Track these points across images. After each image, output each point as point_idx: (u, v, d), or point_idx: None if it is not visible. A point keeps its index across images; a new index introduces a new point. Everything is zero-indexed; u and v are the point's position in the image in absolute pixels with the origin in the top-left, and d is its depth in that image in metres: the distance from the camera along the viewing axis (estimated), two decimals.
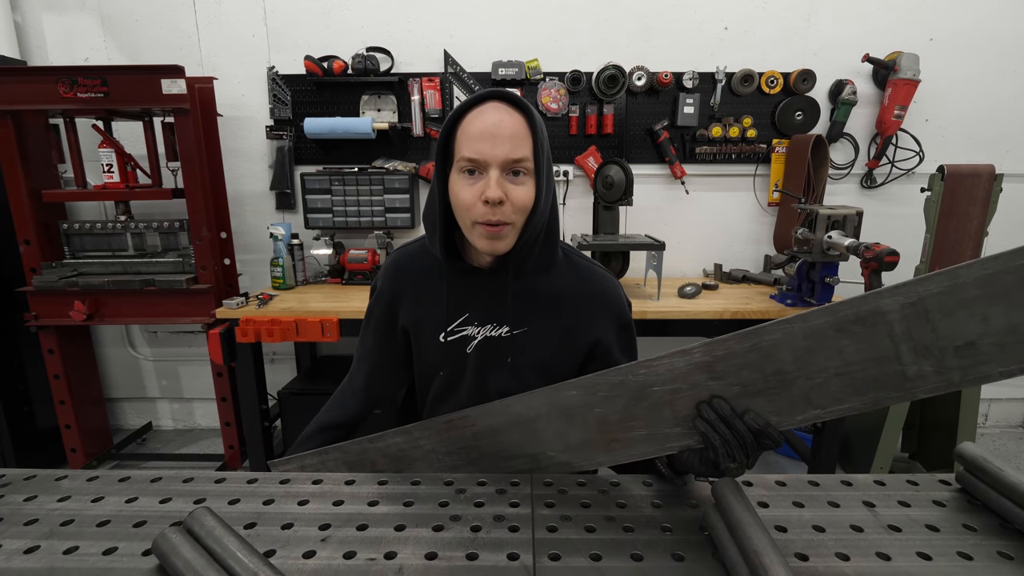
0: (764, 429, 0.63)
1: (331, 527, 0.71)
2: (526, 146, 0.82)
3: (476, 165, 0.81)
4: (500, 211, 0.81)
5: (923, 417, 2.51)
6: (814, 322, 0.63)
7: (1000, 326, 0.56)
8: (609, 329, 0.96)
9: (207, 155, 2.39)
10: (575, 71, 2.57)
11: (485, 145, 0.80)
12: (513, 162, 0.81)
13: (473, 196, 0.82)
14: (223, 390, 2.52)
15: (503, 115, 0.81)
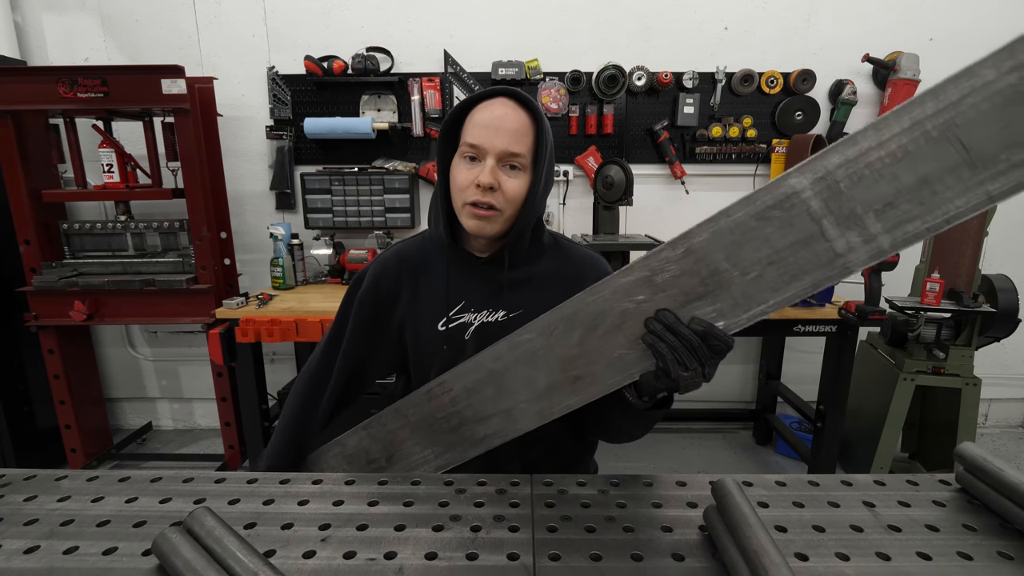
0: (709, 331, 0.65)
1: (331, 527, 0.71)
2: (525, 143, 0.87)
3: (476, 152, 0.86)
4: (490, 196, 0.86)
5: (923, 417, 2.51)
6: (736, 215, 0.64)
7: (911, 182, 0.56)
8: None
9: (207, 155, 2.39)
10: (575, 71, 2.57)
11: (487, 134, 0.85)
12: (510, 155, 0.86)
13: (468, 179, 0.87)
14: (223, 390, 2.52)
15: (509, 110, 0.86)
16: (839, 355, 2.16)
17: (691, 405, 3.04)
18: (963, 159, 0.55)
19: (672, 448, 2.84)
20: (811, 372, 2.50)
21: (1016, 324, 2.15)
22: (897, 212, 0.57)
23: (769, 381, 2.84)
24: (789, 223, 0.61)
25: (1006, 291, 2.14)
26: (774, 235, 0.62)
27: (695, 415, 3.03)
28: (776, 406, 2.90)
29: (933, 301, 2.11)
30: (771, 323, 2.15)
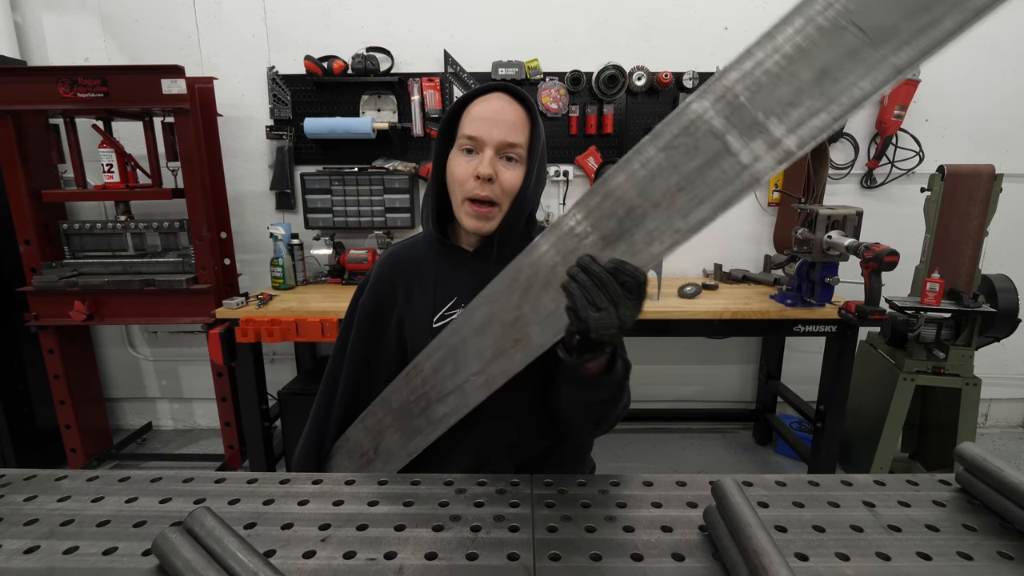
0: (619, 267, 0.65)
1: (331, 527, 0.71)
2: (522, 134, 0.90)
3: (474, 144, 0.88)
4: (489, 188, 0.88)
5: (923, 417, 2.51)
6: (646, 151, 0.66)
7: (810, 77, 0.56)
8: None
9: (207, 155, 2.39)
10: (575, 71, 2.57)
11: (485, 126, 0.88)
12: (508, 146, 0.88)
13: (467, 172, 0.89)
14: (223, 390, 2.52)
15: (506, 104, 0.89)
16: (839, 355, 2.16)
17: (691, 405, 3.04)
18: (862, 41, 0.54)
19: (672, 448, 2.84)
20: (811, 372, 2.50)
21: (1016, 324, 2.15)
22: (800, 110, 0.57)
23: (769, 381, 2.84)
24: (695, 147, 0.63)
25: (1006, 291, 2.14)
26: (682, 161, 0.63)
27: (695, 415, 3.03)
28: (776, 406, 2.90)
29: (933, 301, 2.11)
30: (771, 323, 2.15)
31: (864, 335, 2.58)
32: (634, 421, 3.02)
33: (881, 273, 1.89)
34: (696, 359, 2.98)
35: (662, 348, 2.98)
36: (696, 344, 2.94)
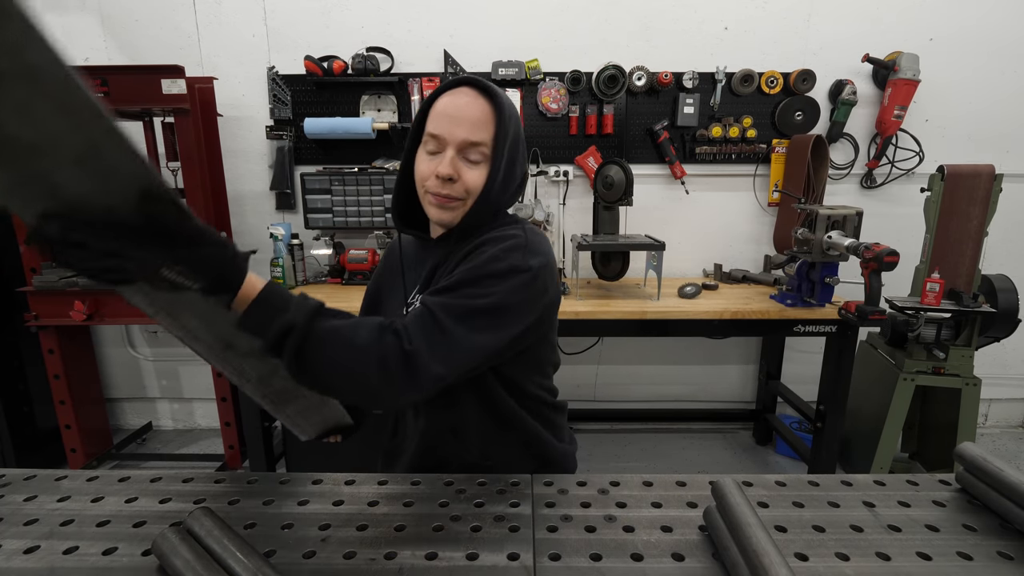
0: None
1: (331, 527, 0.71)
2: (486, 131, 0.86)
3: (437, 142, 0.87)
4: (450, 187, 0.87)
5: (923, 417, 2.51)
6: None
7: None
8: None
9: (207, 155, 2.39)
10: (575, 71, 2.57)
11: (446, 123, 0.86)
12: (470, 144, 0.86)
13: (429, 170, 0.88)
14: (223, 390, 2.52)
15: (471, 99, 0.86)
16: (839, 355, 2.16)
17: (691, 405, 3.04)
18: None
19: (672, 448, 2.84)
20: (811, 372, 2.50)
21: (1016, 324, 2.15)
22: None
23: (769, 381, 2.84)
24: None
25: (1006, 291, 2.14)
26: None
27: (695, 415, 3.03)
28: (776, 406, 2.90)
29: (933, 301, 2.11)
30: (771, 323, 2.15)
31: (864, 335, 2.58)
32: (634, 421, 3.02)
33: (881, 273, 1.89)
34: (696, 359, 2.99)
35: (662, 348, 2.98)
36: (696, 344, 2.94)
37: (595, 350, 2.92)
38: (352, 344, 0.72)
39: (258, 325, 0.67)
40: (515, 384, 0.96)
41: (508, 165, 0.90)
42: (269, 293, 0.68)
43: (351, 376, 0.72)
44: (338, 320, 0.74)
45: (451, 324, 0.78)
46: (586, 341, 2.88)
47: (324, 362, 0.70)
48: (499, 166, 0.88)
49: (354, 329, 0.73)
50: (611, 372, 3.00)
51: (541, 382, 1.04)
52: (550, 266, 0.90)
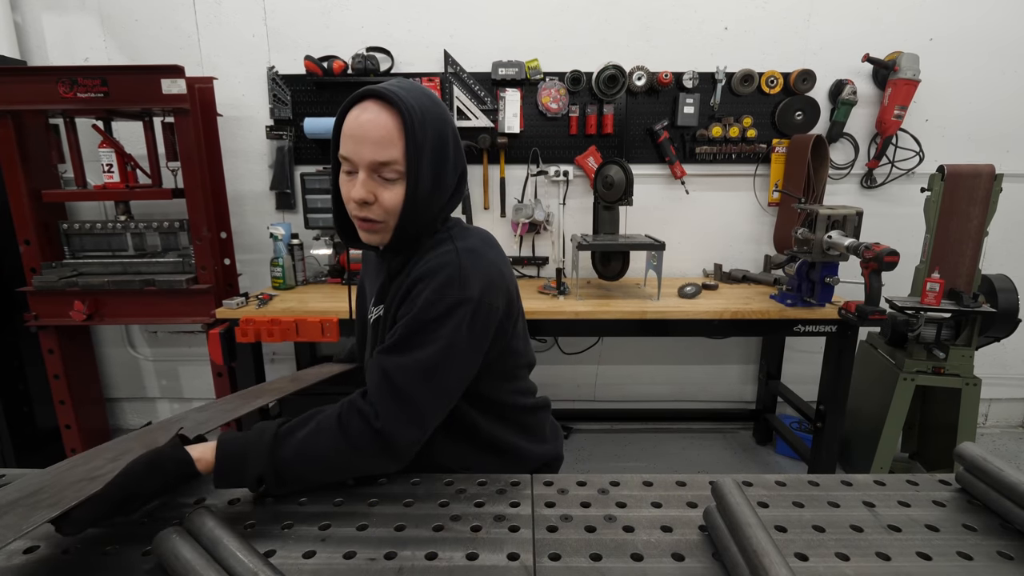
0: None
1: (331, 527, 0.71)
2: (395, 148, 0.80)
3: (349, 164, 0.83)
4: (368, 209, 0.84)
5: (923, 417, 2.51)
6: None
7: None
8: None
9: (207, 155, 2.39)
10: (575, 71, 2.57)
11: (353, 145, 0.81)
12: (380, 164, 0.81)
13: (346, 194, 0.85)
14: (223, 390, 2.52)
15: (373, 115, 0.80)
16: (839, 355, 2.16)
17: (691, 405, 3.04)
18: None
19: (672, 448, 2.84)
20: (811, 372, 2.50)
21: (1016, 324, 2.15)
22: None
23: (769, 381, 2.84)
24: None
25: (1006, 291, 2.14)
26: None
27: (695, 415, 3.03)
28: (776, 406, 2.90)
29: (933, 301, 2.11)
30: (771, 323, 2.15)
31: (864, 335, 2.58)
32: (634, 421, 3.02)
33: (881, 273, 1.89)
34: (696, 359, 2.99)
35: (662, 348, 2.98)
36: (696, 344, 2.94)
37: (595, 350, 2.92)
38: (319, 455, 0.77)
39: (230, 482, 0.75)
40: (485, 398, 0.94)
41: (434, 175, 0.85)
42: (222, 456, 0.74)
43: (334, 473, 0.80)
44: (298, 433, 0.78)
45: (411, 387, 0.80)
46: (586, 341, 2.88)
47: (305, 478, 0.78)
48: (416, 180, 0.83)
49: (316, 436, 0.78)
50: (611, 372, 3.00)
51: (513, 387, 1.02)
52: (492, 282, 0.87)
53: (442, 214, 0.91)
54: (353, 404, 0.80)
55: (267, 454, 0.74)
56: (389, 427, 0.78)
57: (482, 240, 0.94)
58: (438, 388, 0.83)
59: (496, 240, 0.99)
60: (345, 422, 0.78)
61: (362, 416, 0.78)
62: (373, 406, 0.79)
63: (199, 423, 0.86)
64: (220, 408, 0.94)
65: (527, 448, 1.02)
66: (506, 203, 2.71)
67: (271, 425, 0.78)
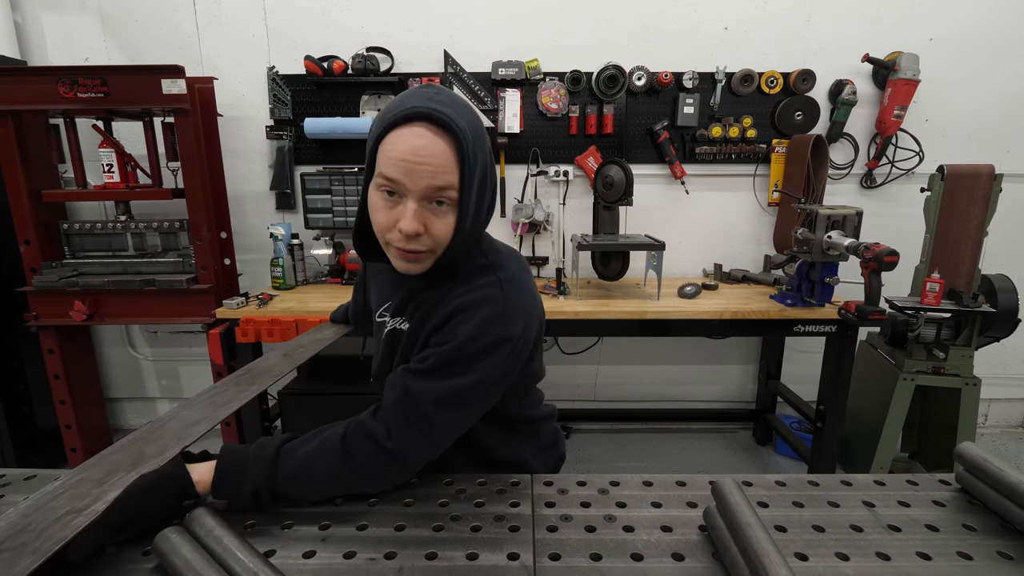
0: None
1: (331, 527, 0.71)
2: (451, 174, 0.74)
3: (395, 187, 0.75)
4: (416, 241, 0.77)
5: (923, 417, 2.51)
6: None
7: None
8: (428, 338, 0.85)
9: (207, 155, 2.39)
10: (575, 71, 2.57)
11: (405, 170, 0.73)
12: (435, 191, 0.74)
13: (390, 221, 0.77)
14: None
15: (429, 141, 0.73)
16: (839, 355, 2.16)
17: (691, 405, 3.04)
18: None
19: (672, 448, 2.84)
20: (811, 372, 2.50)
21: (1016, 324, 2.15)
22: None
23: (769, 381, 2.84)
24: None
25: (1006, 291, 2.14)
26: None
27: (695, 415, 3.03)
28: (776, 406, 2.90)
29: (933, 301, 2.11)
30: (771, 323, 2.15)
31: (864, 335, 2.58)
32: (634, 421, 3.02)
33: (881, 273, 1.89)
34: (696, 359, 2.99)
35: (662, 348, 2.98)
36: (696, 344, 2.94)
37: (595, 350, 2.93)
38: (318, 475, 0.76)
39: (227, 498, 0.74)
40: (494, 413, 0.91)
41: (479, 199, 0.80)
42: (221, 472, 0.73)
43: (332, 492, 0.78)
44: (300, 451, 0.77)
45: (433, 412, 0.78)
46: (586, 341, 2.88)
47: (301, 497, 0.76)
48: (468, 211, 0.78)
49: (317, 455, 0.76)
50: (611, 372, 3.00)
51: (525, 401, 1.00)
52: (531, 315, 0.85)
53: (479, 235, 0.87)
54: (361, 425, 0.79)
55: (266, 471, 0.74)
56: (401, 447, 0.77)
57: (517, 264, 0.90)
58: (460, 416, 0.81)
59: (523, 257, 0.96)
60: (349, 442, 0.77)
61: (370, 437, 0.77)
62: (386, 425, 0.78)
63: (189, 424, 0.84)
64: (211, 402, 0.92)
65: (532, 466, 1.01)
66: (506, 203, 2.71)
67: (273, 441, 0.78)
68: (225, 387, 0.98)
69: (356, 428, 0.79)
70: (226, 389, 0.97)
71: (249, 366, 1.08)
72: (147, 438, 0.80)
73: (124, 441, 0.79)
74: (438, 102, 0.74)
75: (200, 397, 0.93)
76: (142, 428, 0.82)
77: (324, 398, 2.33)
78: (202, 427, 0.82)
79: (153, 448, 0.75)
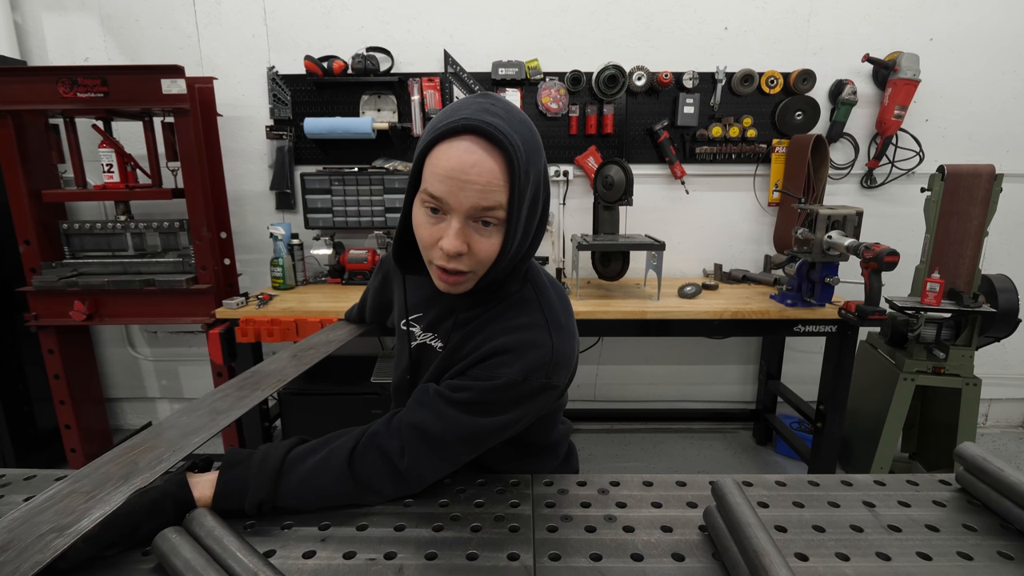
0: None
1: (331, 527, 0.71)
2: (500, 193, 0.70)
3: (439, 204, 0.71)
4: (457, 261, 0.73)
5: (923, 417, 2.51)
6: None
7: None
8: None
9: (207, 155, 2.39)
10: (575, 71, 2.57)
11: (451, 187, 0.69)
12: (481, 210, 0.70)
13: (432, 238, 0.74)
14: None
15: (478, 156, 0.68)
16: (839, 355, 2.16)
17: (691, 405, 3.04)
18: None
19: (672, 448, 2.84)
20: (811, 372, 2.50)
21: (1016, 324, 2.15)
22: None
23: (769, 381, 2.84)
24: None
25: (1006, 291, 2.14)
26: None
27: (695, 415, 3.03)
28: (776, 406, 2.90)
29: (933, 301, 2.11)
30: (771, 323, 2.15)
31: (864, 335, 2.58)
32: (634, 421, 3.02)
33: (881, 273, 1.89)
34: (696, 359, 2.99)
35: (662, 348, 2.98)
36: (696, 344, 2.94)
37: (595, 350, 2.93)
38: (321, 488, 0.75)
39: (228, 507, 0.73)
40: (515, 440, 0.89)
41: (527, 220, 0.76)
42: (223, 486, 0.74)
43: (335, 503, 0.77)
44: (307, 462, 0.76)
45: (456, 444, 0.77)
46: (586, 341, 2.88)
47: (303, 508, 0.76)
48: (515, 232, 0.74)
49: (323, 468, 0.75)
50: (611, 372, 3.00)
51: (544, 428, 0.96)
52: (572, 363, 0.83)
53: (527, 258, 0.83)
54: (374, 439, 0.77)
55: (269, 486, 0.73)
56: (412, 468, 0.76)
57: (563, 304, 0.87)
58: (478, 449, 0.81)
59: (565, 291, 0.93)
60: (358, 458, 0.76)
61: (383, 454, 0.76)
62: (401, 443, 0.76)
63: (187, 432, 0.81)
64: (211, 408, 0.89)
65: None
66: None
67: (278, 452, 0.76)
68: (228, 391, 0.95)
69: (368, 442, 0.77)
70: (228, 394, 0.94)
71: (255, 368, 1.05)
72: (142, 446, 0.77)
73: (119, 449, 0.76)
74: (492, 114, 0.69)
75: (202, 402, 0.90)
76: (138, 435, 0.79)
77: (324, 398, 2.33)
78: (200, 437, 0.80)
79: (147, 459, 0.72)
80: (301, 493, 0.74)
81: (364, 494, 0.76)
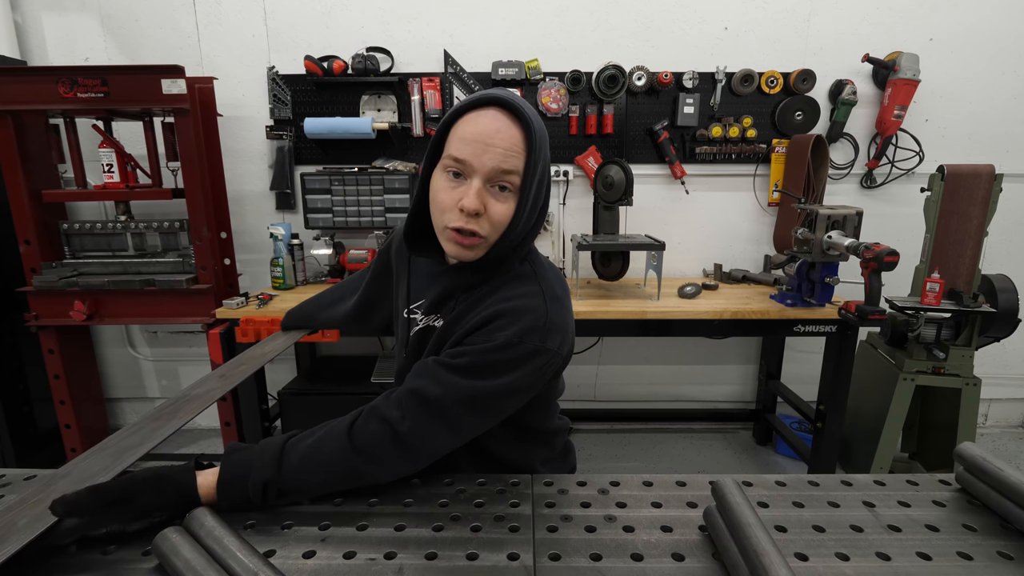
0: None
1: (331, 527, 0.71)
2: (519, 159, 0.78)
3: (462, 168, 0.78)
4: (475, 222, 0.79)
5: (923, 417, 2.51)
6: None
7: None
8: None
9: (207, 155, 2.39)
10: (575, 71, 2.57)
11: (475, 150, 0.76)
12: (501, 173, 0.78)
13: (451, 200, 0.79)
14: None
15: (501, 124, 0.77)
16: (839, 355, 2.16)
17: (691, 405, 3.04)
18: None
19: (672, 448, 2.84)
20: (811, 372, 2.50)
21: (1016, 324, 2.15)
22: None
23: (769, 381, 2.84)
24: None
25: (1006, 291, 2.14)
26: None
27: (695, 415, 3.03)
28: (776, 406, 2.90)
29: (933, 301, 2.11)
30: (771, 323, 2.15)
31: (864, 335, 2.58)
32: (634, 421, 3.02)
33: (881, 273, 1.89)
34: (696, 359, 2.99)
35: (662, 348, 2.98)
36: (696, 344, 2.94)
37: (595, 350, 2.93)
38: (323, 462, 0.75)
39: (233, 498, 0.74)
40: (509, 420, 0.90)
41: (537, 197, 0.83)
42: (226, 472, 0.75)
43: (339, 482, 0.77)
44: (307, 440, 0.77)
45: (455, 409, 0.78)
46: (586, 341, 2.88)
47: (307, 488, 0.76)
48: (527, 199, 0.80)
49: (324, 442, 0.76)
50: (611, 372, 3.00)
51: (539, 412, 0.99)
52: (567, 334, 0.86)
53: (527, 241, 0.89)
54: (375, 410, 0.78)
55: (272, 464, 0.74)
56: (414, 431, 0.76)
57: (559, 282, 0.91)
58: (476, 420, 0.81)
59: (563, 274, 0.97)
60: (359, 428, 0.77)
61: (383, 420, 0.77)
62: (401, 409, 0.77)
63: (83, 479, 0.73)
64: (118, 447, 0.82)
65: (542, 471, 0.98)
66: None
67: (278, 438, 0.78)
68: (142, 424, 0.88)
69: (369, 413, 0.78)
70: (142, 427, 0.87)
71: (181, 393, 1.00)
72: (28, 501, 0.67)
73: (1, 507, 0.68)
74: (512, 95, 0.80)
75: (112, 440, 0.84)
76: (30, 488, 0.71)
77: (324, 398, 2.33)
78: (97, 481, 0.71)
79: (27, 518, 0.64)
80: (304, 471, 0.74)
81: (367, 465, 0.76)
